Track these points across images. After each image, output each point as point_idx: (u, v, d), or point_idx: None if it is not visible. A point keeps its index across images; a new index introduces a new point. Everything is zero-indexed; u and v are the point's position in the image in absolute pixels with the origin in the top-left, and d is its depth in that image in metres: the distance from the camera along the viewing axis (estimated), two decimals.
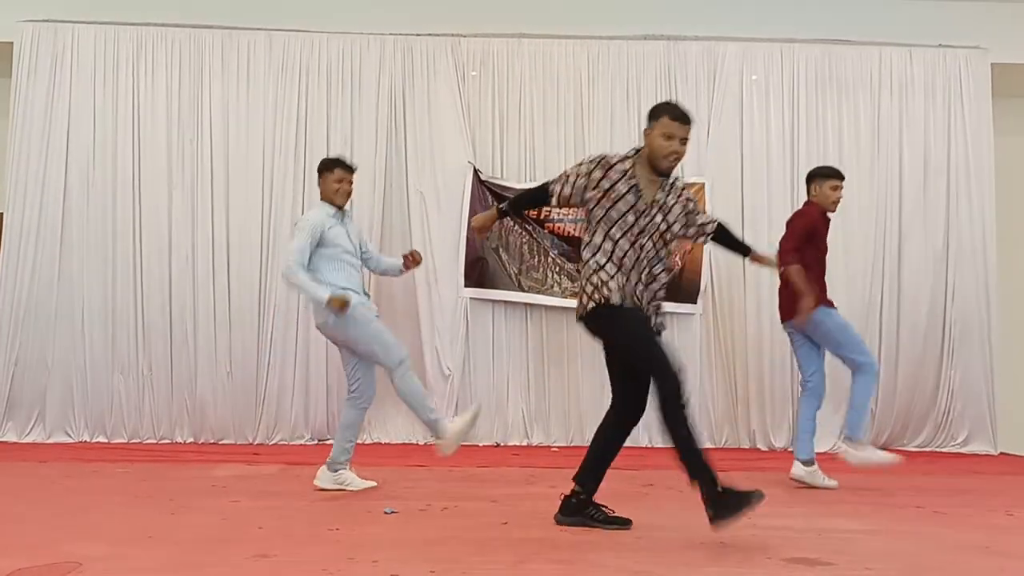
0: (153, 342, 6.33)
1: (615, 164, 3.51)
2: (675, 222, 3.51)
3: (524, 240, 6.54)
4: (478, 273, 6.50)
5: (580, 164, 3.58)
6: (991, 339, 6.62)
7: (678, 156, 3.43)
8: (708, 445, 6.44)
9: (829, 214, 5.00)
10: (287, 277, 4.40)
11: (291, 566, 2.84)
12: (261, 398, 6.33)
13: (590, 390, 6.50)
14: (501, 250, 6.54)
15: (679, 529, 3.56)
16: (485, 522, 3.60)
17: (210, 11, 6.61)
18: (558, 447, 6.37)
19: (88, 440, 6.24)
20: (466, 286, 6.50)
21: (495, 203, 6.53)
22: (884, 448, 6.55)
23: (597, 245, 3.48)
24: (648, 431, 6.46)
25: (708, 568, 2.92)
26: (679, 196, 3.54)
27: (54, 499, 4.06)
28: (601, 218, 3.47)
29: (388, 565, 2.86)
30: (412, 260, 4.65)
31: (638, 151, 3.54)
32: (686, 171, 6.53)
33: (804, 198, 6.55)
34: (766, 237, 6.56)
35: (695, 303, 6.51)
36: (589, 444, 3.62)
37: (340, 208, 4.49)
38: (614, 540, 3.31)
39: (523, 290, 6.52)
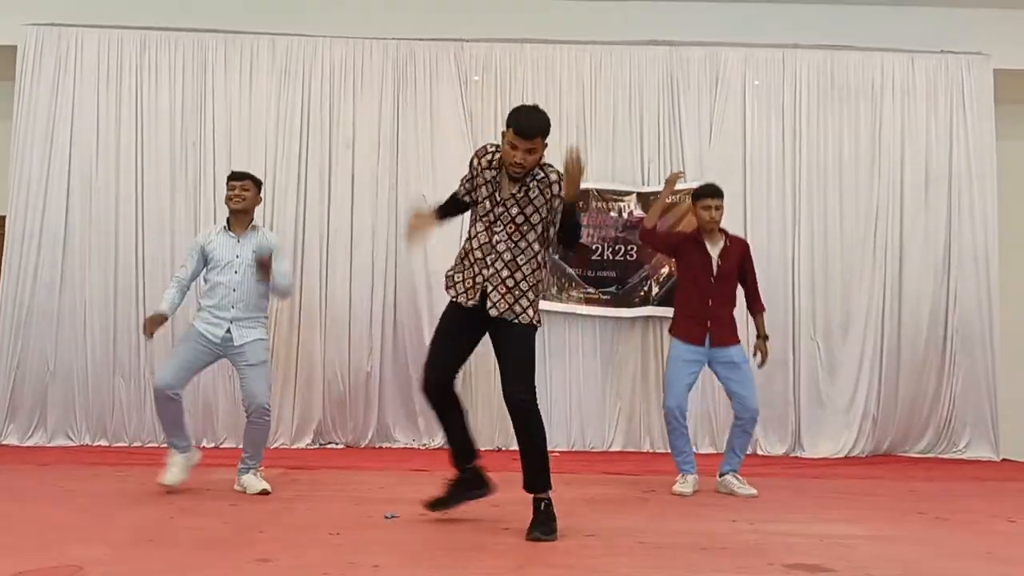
0: (155, 345, 6.31)
1: (490, 151, 3.59)
2: (534, 214, 3.51)
3: None
4: None
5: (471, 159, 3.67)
6: (993, 345, 6.61)
7: (521, 167, 3.43)
8: (710, 450, 6.45)
9: (708, 236, 4.81)
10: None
11: (292, 570, 2.84)
12: None
13: (591, 394, 6.51)
14: None
15: (680, 534, 3.57)
16: (486, 527, 3.61)
17: (213, 15, 6.62)
18: (559, 452, 6.35)
19: (90, 443, 6.24)
20: None
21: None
22: (885, 454, 6.57)
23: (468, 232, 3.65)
24: (650, 436, 6.47)
25: (709, 573, 2.92)
26: (543, 188, 3.51)
27: (55, 502, 4.06)
28: (474, 202, 3.62)
29: (389, 570, 2.86)
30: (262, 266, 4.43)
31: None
32: (688, 175, 6.54)
33: (805, 202, 6.63)
34: (766, 242, 6.58)
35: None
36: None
37: (233, 221, 4.50)
38: (615, 545, 3.31)
39: None
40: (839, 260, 6.62)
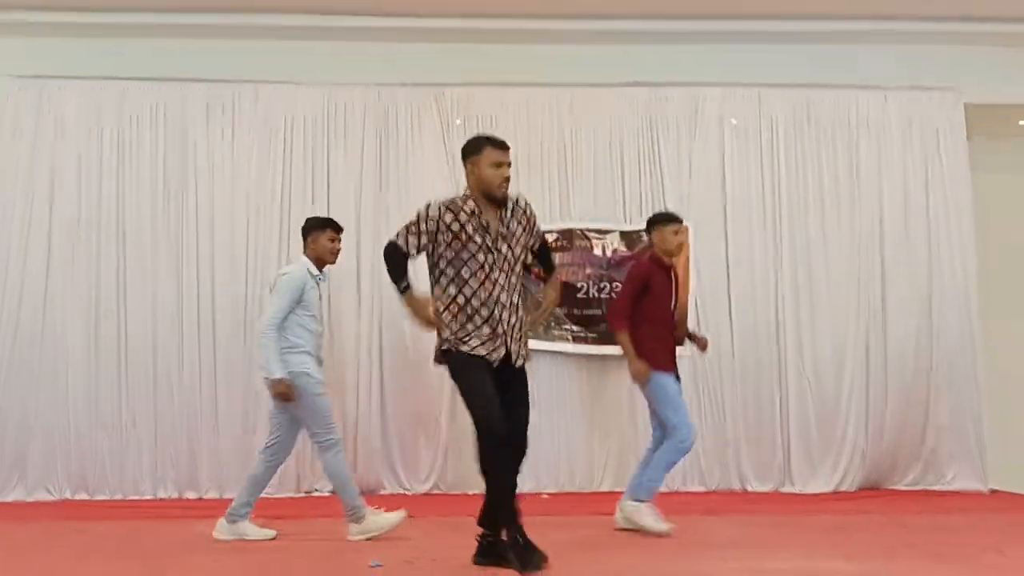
0: (137, 398, 6.25)
1: (462, 206, 3.63)
2: (517, 245, 3.68)
3: None
4: None
5: (425, 209, 3.67)
6: (977, 376, 6.62)
7: (508, 180, 3.60)
8: (699, 488, 6.41)
9: (672, 260, 4.85)
10: (262, 335, 4.38)
11: None
12: (246, 452, 6.24)
13: (580, 437, 6.48)
14: None
15: (670, 575, 3.53)
16: (474, 574, 3.56)
17: (194, 65, 6.61)
18: (548, 494, 6.30)
19: (70, 497, 6.13)
20: None
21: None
22: (873, 488, 6.55)
23: (444, 287, 3.67)
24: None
25: None
26: (520, 217, 3.67)
27: (35, 559, 3.99)
28: (451, 259, 3.63)
29: None
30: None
31: (467, 195, 3.67)
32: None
33: (787, 239, 6.68)
34: (750, 279, 6.62)
35: (682, 344, 6.49)
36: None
37: (322, 268, 4.53)
38: None
39: None
40: (824, 295, 6.65)
